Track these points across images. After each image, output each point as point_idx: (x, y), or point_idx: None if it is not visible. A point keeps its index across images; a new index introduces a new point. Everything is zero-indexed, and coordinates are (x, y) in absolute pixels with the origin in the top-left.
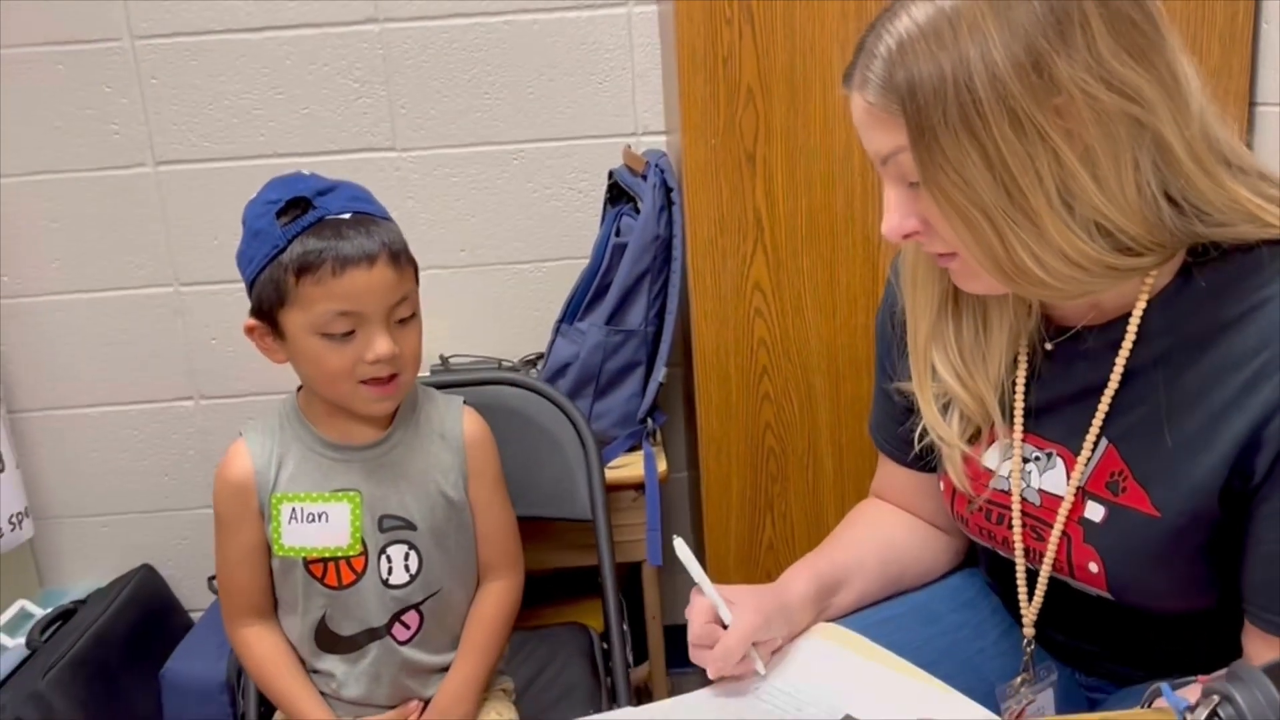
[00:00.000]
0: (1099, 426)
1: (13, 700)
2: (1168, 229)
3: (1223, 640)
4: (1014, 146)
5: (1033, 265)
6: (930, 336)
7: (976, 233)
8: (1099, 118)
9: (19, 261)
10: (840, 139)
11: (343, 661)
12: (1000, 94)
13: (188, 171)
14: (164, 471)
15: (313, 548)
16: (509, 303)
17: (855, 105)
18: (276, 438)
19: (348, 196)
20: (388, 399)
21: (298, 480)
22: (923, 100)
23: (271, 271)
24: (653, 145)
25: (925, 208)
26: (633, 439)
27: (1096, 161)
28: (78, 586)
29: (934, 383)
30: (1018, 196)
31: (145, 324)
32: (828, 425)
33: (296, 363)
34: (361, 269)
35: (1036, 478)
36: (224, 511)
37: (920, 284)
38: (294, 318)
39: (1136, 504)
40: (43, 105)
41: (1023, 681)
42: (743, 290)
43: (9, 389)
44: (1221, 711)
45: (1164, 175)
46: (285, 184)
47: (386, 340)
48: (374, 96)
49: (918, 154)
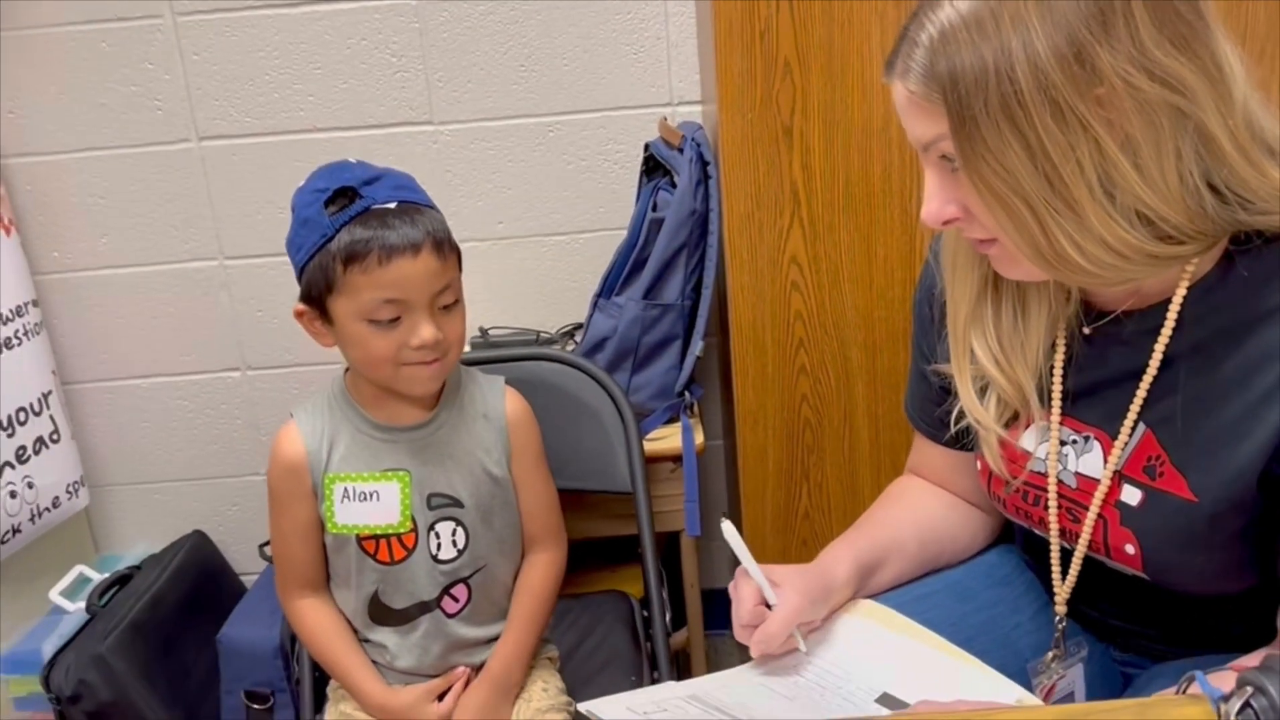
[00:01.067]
0: (1137, 411)
1: (76, 662)
2: (1210, 217)
3: (1258, 620)
4: (1055, 136)
5: (1074, 253)
6: (969, 321)
7: (1017, 220)
8: (1141, 107)
9: (69, 237)
10: (878, 112)
11: (395, 633)
12: (1042, 84)
13: (230, 146)
14: (213, 440)
15: (365, 525)
16: (546, 274)
17: (897, 93)
18: (327, 420)
19: (393, 185)
20: (432, 380)
21: (349, 461)
22: (964, 90)
23: (320, 259)
24: (689, 116)
25: (966, 194)
26: (670, 411)
27: (1138, 150)
28: (132, 552)
29: (972, 366)
30: (1059, 185)
31: (192, 297)
32: (864, 397)
33: (344, 347)
34: (406, 258)
35: (1073, 460)
36: (278, 490)
37: (960, 269)
38: (341, 305)
39: (1174, 489)
40: (88, 83)
41: (1054, 658)
42: (779, 264)
43: (62, 361)
44: (1255, 703)
45: (1206, 164)
46: (332, 173)
47: (430, 327)
48: (411, 71)
49: (959, 142)
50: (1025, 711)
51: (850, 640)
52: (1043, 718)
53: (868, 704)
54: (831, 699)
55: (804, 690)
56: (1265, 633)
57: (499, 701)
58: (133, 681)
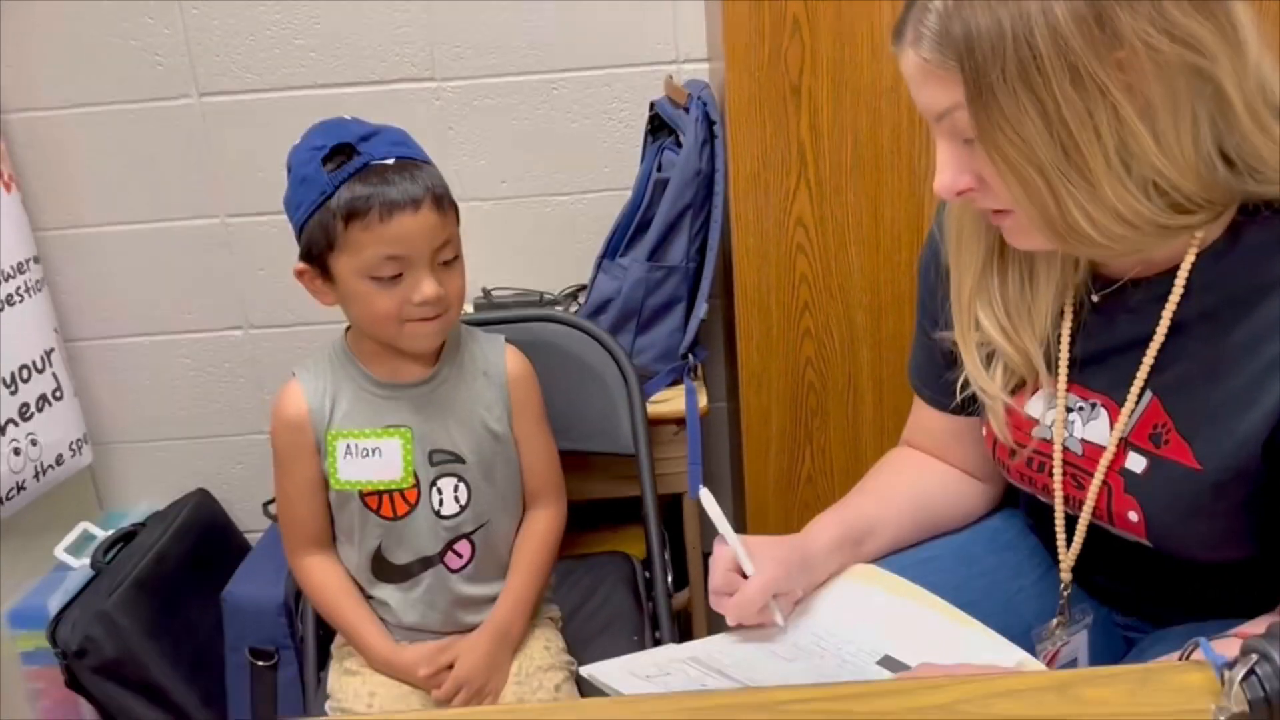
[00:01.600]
0: (1144, 378)
1: (82, 618)
2: (1221, 186)
3: (1262, 587)
4: (1074, 103)
5: (1085, 225)
6: (975, 292)
7: (1031, 191)
8: (1160, 70)
9: (70, 193)
10: (888, 71)
11: (397, 590)
12: (1061, 49)
13: (230, 103)
14: (216, 398)
15: (367, 481)
16: (550, 234)
17: (908, 61)
18: (329, 377)
19: (390, 141)
20: (434, 336)
21: (351, 417)
22: (981, 56)
23: (320, 217)
24: (695, 74)
25: (980, 165)
26: (674, 374)
27: (1156, 116)
28: (136, 509)
29: (977, 334)
30: (1074, 155)
31: (193, 255)
32: (869, 361)
33: (346, 305)
34: (408, 214)
35: (1080, 427)
36: (281, 448)
37: (965, 241)
38: (343, 262)
39: (1179, 456)
40: (88, 38)
41: (1058, 624)
42: (785, 226)
43: (65, 319)
44: (1259, 669)
45: (1220, 130)
46: (328, 130)
47: (432, 282)
48: (414, 26)
49: (974, 111)
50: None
51: (851, 604)
52: (1044, 683)
53: (869, 666)
54: (831, 661)
55: (804, 653)
56: (1269, 600)
57: (499, 651)
58: (138, 638)
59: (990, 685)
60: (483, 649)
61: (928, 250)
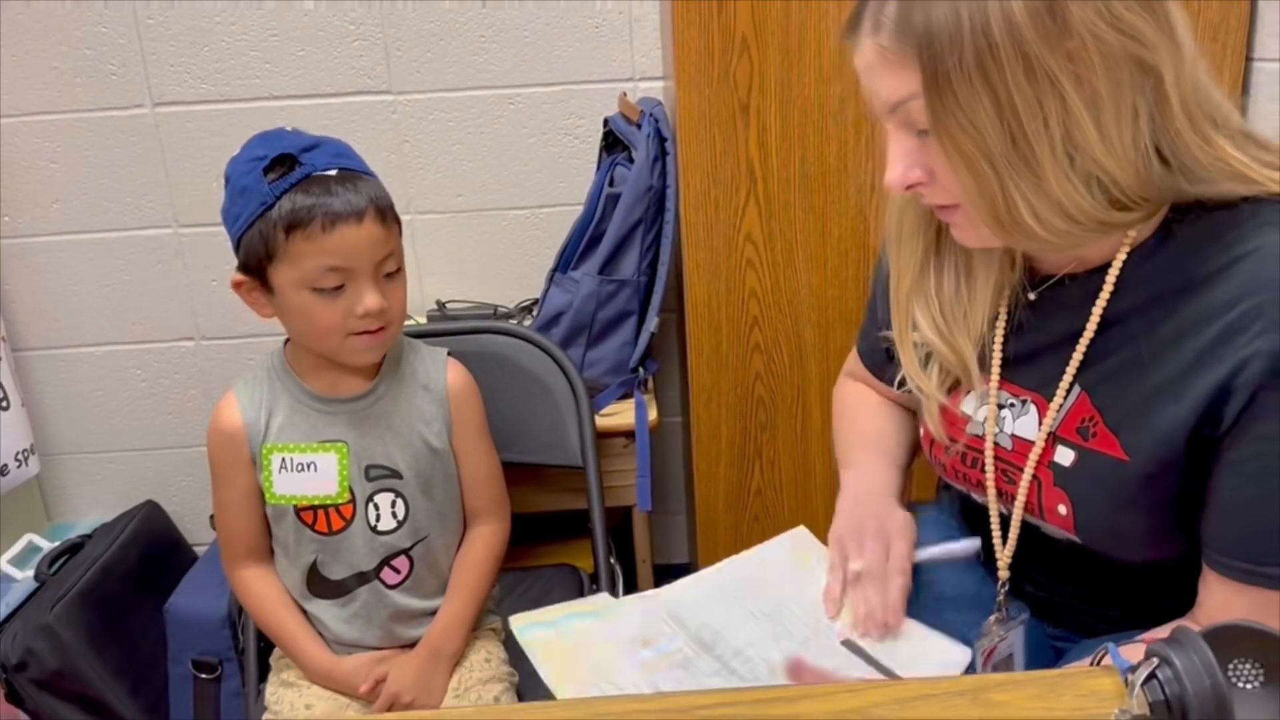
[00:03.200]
0: (1072, 374)
1: (22, 631)
2: (1156, 184)
3: (1189, 590)
4: (1025, 92)
5: (1029, 218)
6: (913, 291)
7: (981, 182)
8: (1106, 62)
9: (20, 201)
10: (834, 91)
11: (332, 605)
12: (1016, 39)
13: (185, 113)
14: (166, 410)
15: (302, 495)
16: (505, 248)
17: (865, 51)
18: (265, 390)
19: (332, 153)
20: (375, 349)
21: (287, 431)
22: (939, 45)
23: (260, 227)
24: (650, 91)
25: (932, 157)
26: (625, 387)
27: (1101, 108)
28: (84, 521)
29: (915, 334)
30: (1023, 145)
31: (146, 265)
32: (817, 376)
33: (285, 317)
34: (351, 225)
35: (1010, 423)
36: (218, 461)
37: (905, 239)
38: (283, 273)
39: (1106, 449)
40: (42, 45)
41: (996, 620)
42: (735, 242)
43: (12, 328)
44: (1159, 673)
45: (1157, 127)
46: (269, 140)
47: (375, 295)
48: (369, 39)
49: (930, 100)
50: (939, 682)
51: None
52: (956, 688)
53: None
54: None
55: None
56: (1191, 606)
57: (434, 669)
58: (80, 650)
59: (904, 690)
60: (415, 667)
61: (883, 253)
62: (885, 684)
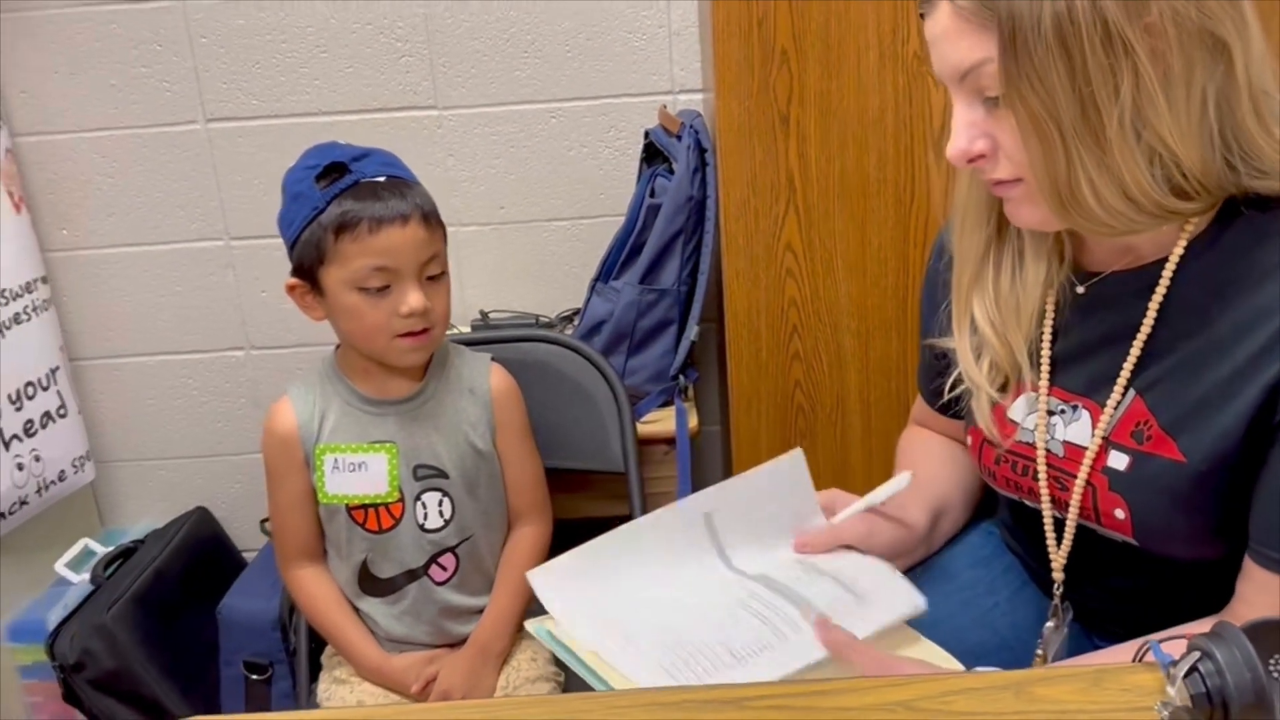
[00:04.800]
0: (1127, 377)
1: (80, 632)
2: (1218, 173)
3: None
4: (1100, 60)
5: (1089, 195)
6: (973, 282)
7: (1047, 149)
8: (1183, 39)
9: (77, 216)
10: (873, 102)
11: (382, 603)
12: (1096, 6)
13: (237, 129)
14: (217, 418)
15: (353, 495)
16: (547, 259)
17: (940, 14)
18: (318, 394)
19: (380, 162)
20: (420, 350)
21: (339, 433)
22: (1020, 8)
23: (312, 232)
24: (689, 103)
25: (998, 125)
26: (665, 395)
27: (1173, 84)
28: (136, 526)
29: (973, 337)
30: (1092, 114)
31: (198, 276)
32: (856, 384)
33: (335, 319)
34: (396, 227)
35: (1061, 429)
36: (272, 463)
37: (968, 226)
38: (333, 274)
39: (1163, 451)
40: (98, 64)
41: (1054, 626)
42: (774, 251)
43: (69, 338)
44: (1201, 666)
45: (1224, 115)
46: (322, 151)
47: (419, 294)
48: (416, 56)
49: (1005, 64)
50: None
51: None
52: (1000, 682)
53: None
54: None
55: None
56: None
57: (483, 667)
58: (135, 651)
59: (948, 684)
60: (464, 665)
61: (932, 260)
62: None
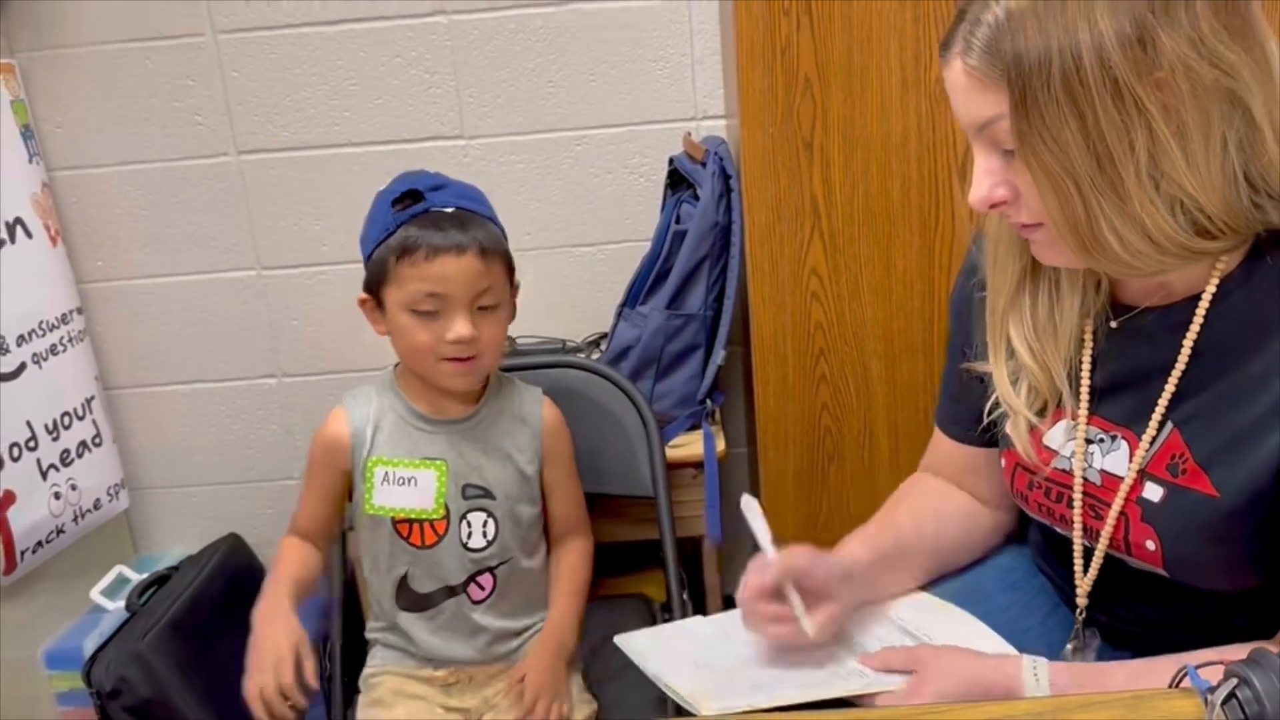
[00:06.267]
0: (1163, 410)
1: (116, 659)
2: (1244, 213)
3: (1264, 616)
4: (1112, 117)
5: (1112, 239)
6: (1008, 308)
7: (1065, 201)
8: (1196, 92)
9: (112, 247)
10: (896, 128)
11: (419, 618)
12: (1105, 63)
13: (268, 160)
14: (249, 445)
15: (400, 508)
16: (573, 284)
17: (954, 71)
18: (374, 406)
19: (456, 193)
20: (465, 375)
21: (390, 446)
22: (1028, 67)
23: (380, 252)
24: (713, 129)
25: (1016, 176)
26: (693, 419)
27: (1189, 137)
28: (170, 553)
29: (1010, 363)
30: (1108, 167)
31: (230, 306)
32: (883, 406)
33: (392, 336)
34: (450, 257)
35: (1099, 459)
36: (316, 461)
37: (1001, 259)
38: (392, 294)
39: (1196, 485)
40: (131, 98)
41: (1074, 650)
42: (800, 275)
43: (105, 367)
44: (1239, 693)
45: (1247, 156)
46: (409, 178)
47: (466, 324)
48: (443, 86)
49: (1017, 121)
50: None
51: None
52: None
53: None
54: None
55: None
56: (1270, 630)
57: (558, 662)
58: (170, 678)
59: (986, 712)
60: (546, 659)
61: (956, 289)
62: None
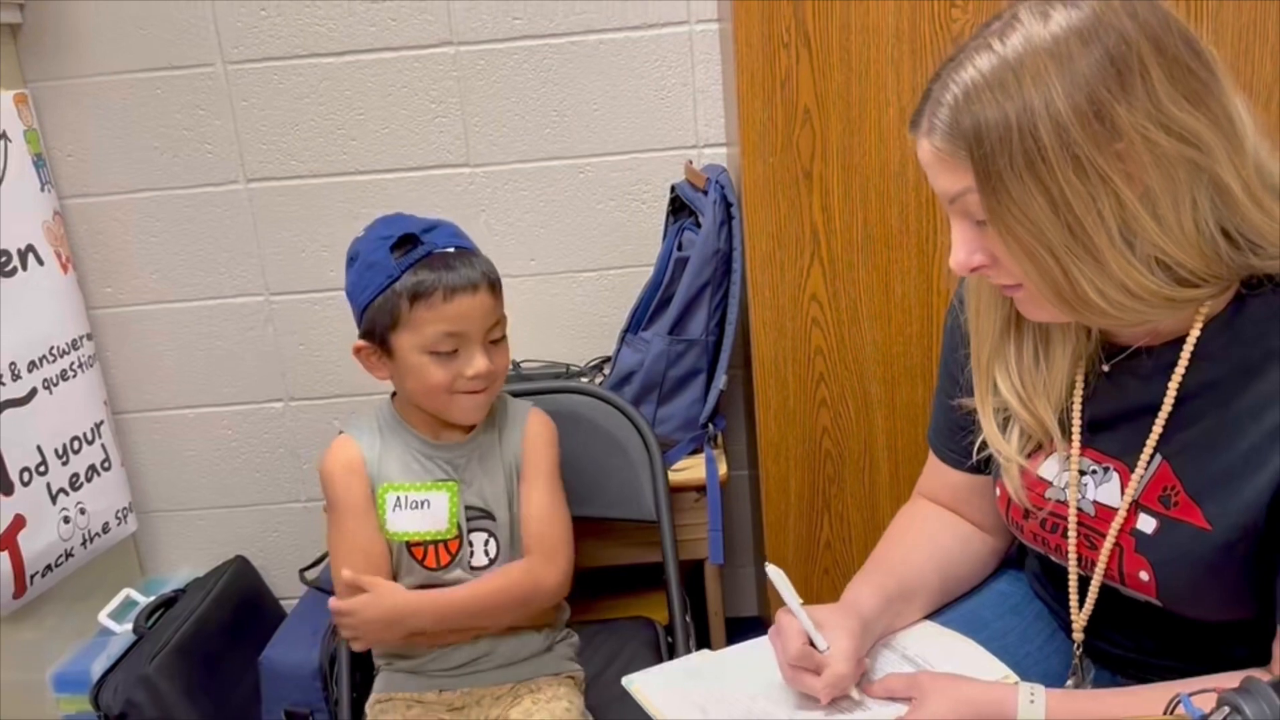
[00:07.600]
0: (1154, 444)
1: (123, 683)
2: (1224, 262)
3: (1259, 645)
4: (1077, 189)
5: (1095, 297)
6: (992, 357)
7: (1041, 267)
8: (1158, 161)
9: (121, 273)
10: (894, 156)
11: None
12: (1064, 140)
13: (276, 188)
14: (256, 468)
15: (415, 532)
16: (577, 309)
17: (922, 149)
18: (378, 436)
19: (449, 234)
20: (479, 407)
21: (397, 473)
22: (989, 146)
23: (385, 298)
24: (714, 157)
25: (992, 244)
26: (695, 443)
27: (1156, 201)
28: (176, 575)
29: (994, 399)
30: (1080, 235)
31: (238, 331)
32: (883, 430)
33: (400, 378)
34: (467, 295)
35: (1092, 490)
36: (339, 492)
37: (983, 310)
38: (404, 339)
39: (1188, 517)
40: (142, 127)
41: (1073, 683)
42: (800, 301)
43: (114, 392)
44: None
45: (1221, 212)
46: (392, 223)
47: (484, 359)
48: (449, 116)
49: (984, 196)
50: None
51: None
52: None
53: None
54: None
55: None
56: (1265, 659)
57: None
58: (178, 701)
59: None
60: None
61: (950, 315)
62: None
